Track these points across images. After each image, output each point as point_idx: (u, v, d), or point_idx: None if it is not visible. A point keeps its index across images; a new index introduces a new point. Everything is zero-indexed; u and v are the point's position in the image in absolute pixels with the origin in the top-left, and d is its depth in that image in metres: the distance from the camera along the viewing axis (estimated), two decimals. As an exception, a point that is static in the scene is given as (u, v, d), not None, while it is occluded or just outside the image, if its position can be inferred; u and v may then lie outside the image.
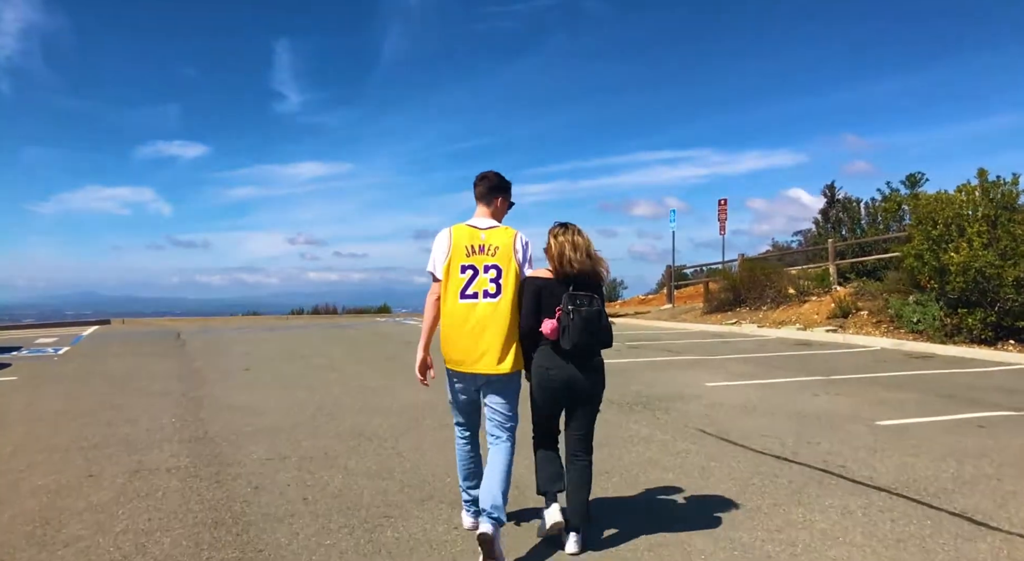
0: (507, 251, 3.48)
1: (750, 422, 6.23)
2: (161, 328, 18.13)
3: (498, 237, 3.51)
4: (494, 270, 3.45)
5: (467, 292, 3.44)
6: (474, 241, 3.50)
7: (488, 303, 3.41)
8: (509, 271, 3.46)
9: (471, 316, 3.41)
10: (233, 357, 11.12)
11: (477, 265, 3.45)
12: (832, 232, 19.34)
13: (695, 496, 4.24)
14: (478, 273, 3.45)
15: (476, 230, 3.53)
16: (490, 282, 3.43)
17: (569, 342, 3.31)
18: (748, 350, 12.03)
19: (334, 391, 7.81)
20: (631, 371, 9.48)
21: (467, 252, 3.47)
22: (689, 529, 3.68)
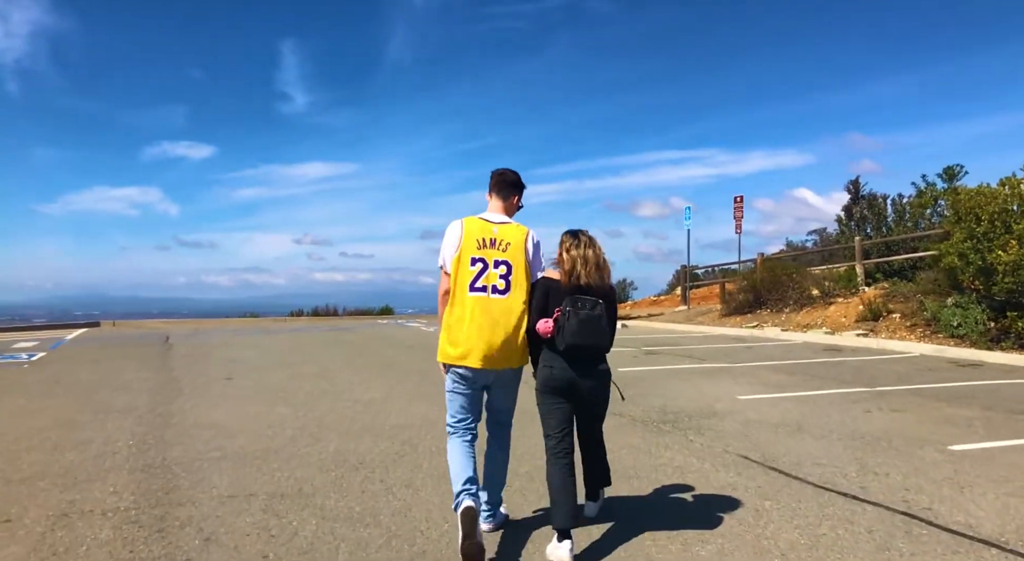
0: (519, 248, 3.45)
1: (799, 446, 5.34)
2: (152, 331, 17.35)
3: (510, 233, 3.48)
4: (504, 266, 3.41)
5: (476, 285, 3.39)
6: (486, 234, 3.45)
7: (497, 299, 3.38)
8: (519, 268, 3.43)
9: (479, 310, 3.36)
10: (218, 364, 10.29)
11: (487, 259, 3.41)
12: (856, 230, 18.39)
13: (755, 551, 3.36)
14: (488, 267, 3.40)
15: (489, 223, 3.49)
16: (500, 278, 3.40)
17: (562, 343, 3.28)
18: (775, 356, 11.12)
19: (321, 406, 6.95)
20: (651, 380, 8.60)
21: (479, 244, 3.42)
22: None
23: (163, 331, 16.97)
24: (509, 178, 3.64)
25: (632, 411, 6.70)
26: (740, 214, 23.02)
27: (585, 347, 3.31)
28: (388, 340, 14.68)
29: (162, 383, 8.38)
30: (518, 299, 3.42)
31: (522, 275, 3.45)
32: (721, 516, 3.83)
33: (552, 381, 3.39)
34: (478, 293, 3.39)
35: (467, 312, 3.37)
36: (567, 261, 3.40)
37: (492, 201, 3.62)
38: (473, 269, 3.42)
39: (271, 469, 4.71)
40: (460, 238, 3.44)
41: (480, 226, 3.48)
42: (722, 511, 3.91)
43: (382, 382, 8.55)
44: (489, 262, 3.42)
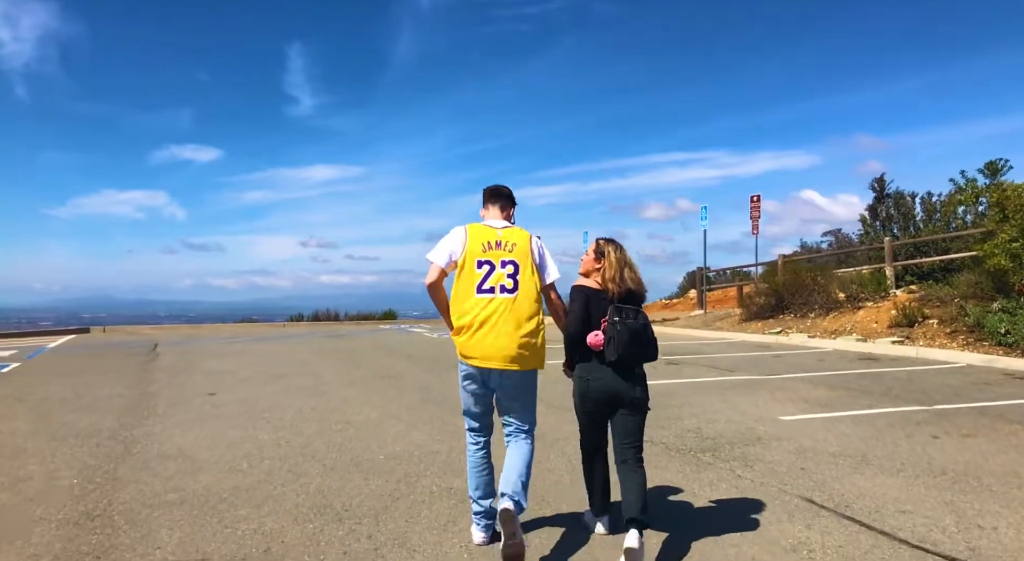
0: (524, 248, 3.49)
1: (872, 485, 4.46)
2: (142, 338, 16.53)
3: (514, 235, 3.53)
4: (511, 265, 3.44)
5: (484, 287, 3.41)
6: (490, 237, 3.49)
7: (505, 298, 3.40)
8: (526, 268, 3.46)
9: (488, 311, 3.38)
10: (203, 376, 9.45)
11: (494, 260, 3.44)
12: (882, 230, 17.46)
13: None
14: (495, 268, 3.43)
15: (492, 228, 3.55)
16: (507, 277, 3.42)
17: (615, 353, 3.30)
18: (808, 366, 10.23)
19: (308, 430, 6.11)
20: (679, 396, 7.73)
21: (484, 248, 3.45)
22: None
23: (153, 338, 16.16)
24: (504, 191, 3.72)
25: (664, 436, 5.84)
26: (757, 214, 22.08)
27: (636, 358, 3.38)
28: (389, 348, 13.83)
29: (135, 400, 7.54)
30: (527, 298, 3.43)
31: (529, 274, 3.46)
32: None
33: (589, 393, 3.43)
34: (486, 295, 3.40)
35: (475, 313, 3.38)
36: (613, 266, 3.44)
37: (490, 211, 3.67)
38: (479, 272, 3.42)
39: (236, 518, 3.86)
40: (465, 242, 3.46)
41: (484, 230, 3.53)
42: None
43: (380, 399, 7.69)
44: (496, 263, 3.44)
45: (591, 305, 3.44)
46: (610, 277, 3.44)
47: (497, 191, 3.71)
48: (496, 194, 3.70)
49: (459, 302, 3.43)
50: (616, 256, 3.47)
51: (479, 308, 3.38)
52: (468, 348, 3.39)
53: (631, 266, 3.48)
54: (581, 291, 3.50)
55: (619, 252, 3.50)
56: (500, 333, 3.35)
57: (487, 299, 3.39)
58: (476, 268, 3.43)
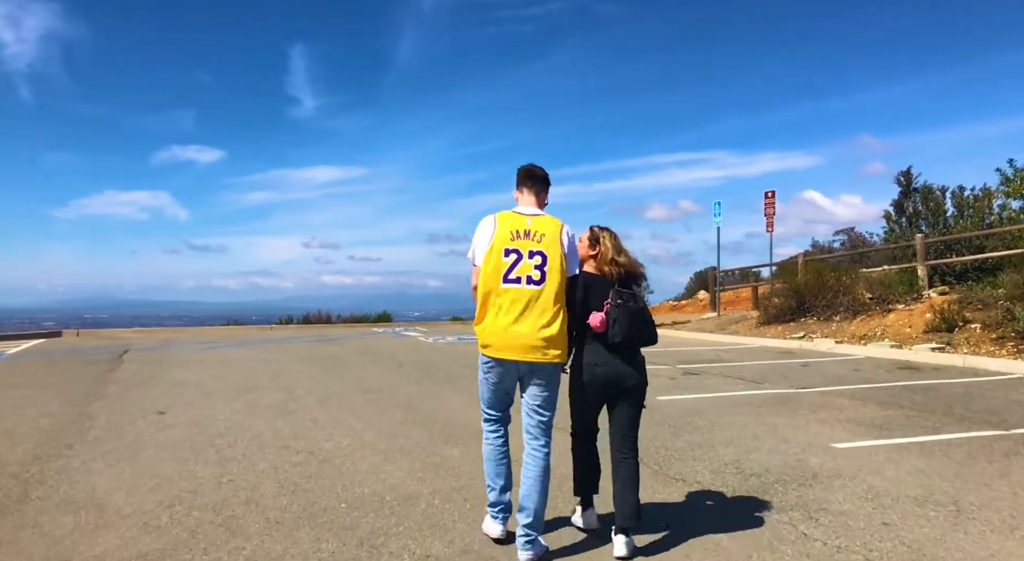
0: (554, 239, 3.40)
1: (981, 547, 3.36)
2: (114, 343, 15.39)
3: (545, 225, 3.43)
4: (539, 257, 3.34)
5: (510, 276, 3.33)
6: (519, 226, 3.40)
7: (532, 289, 3.32)
8: (555, 259, 3.37)
9: (514, 301, 3.31)
10: (162, 389, 8.36)
11: (522, 250, 3.35)
12: (908, 227, 16.34)
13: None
14: (522, 258, 3.34)
15: (522, 216, 3.46)
16: (535, 268, 3.33)
17: (620, 334, 3.34)
18: (845, 378, 9.11)
19: (261, 463, 5.01)
20: (706, 415, 6.62)
21: (512, 236, 3.36)
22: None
23: (126, 344, 15.02)
24: (539, 173, 3.59)
25: (698, 471, 4.74)
26: (772, 211, 20.93)
27: (638, 339, 3.42)
28: (378, 354, 12.73)
29: (67, 422, 6.43)
30: (553, 289, 3.35)
31: (557, 266, 3.37)
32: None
33: (595, 378, 3.42)
34: (512, 284, 3.33)
35: (501, 303, 3.32)
36: (610, 249, 3.52)
37: (524, 196, 3.56)
38: (507, 260, 3.34)
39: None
40: (493, 231, 3.37)
41: (513, 218, 3.43)
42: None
43: (355, 420, 6.59)
44: (524, 253, 3.35)
45: (591, 289, 3.48)
46: (608, 260, 3.51)
47: (531, 172, 3.58)
48: (531, 175, 3.57)
49: (484, 291, 3.34)
50: (611, 242, 3.55)
51: (504, 298, 3.31)
52: (490, 337, 3.32)
53: (624, 250, 3.56)
54: (582, 278, 3.52)
55: (614, 238, 3.57)
56: (524, 324, 3.29)
57: (514, 288, 3.32)
58: (503, 256, 3.34)
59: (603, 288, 3.47)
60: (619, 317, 3.35)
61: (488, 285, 3.32)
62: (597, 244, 3.57)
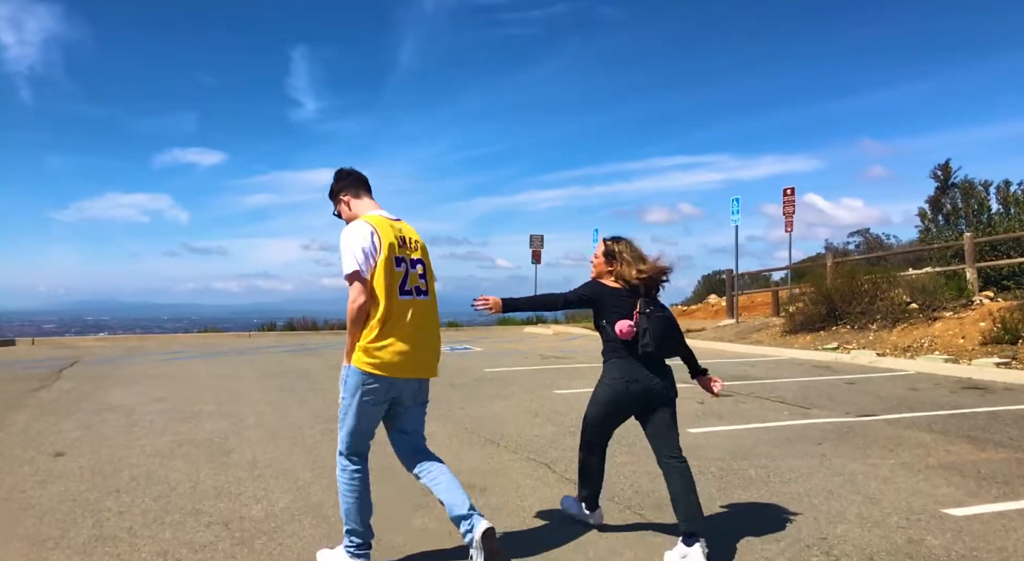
0: (424, 248, 3.26)
1: None
2: (67, 353, 13.81)
3: (411, 231, 3.25)
4: (421, 266, 3.19)
5: (406, 288, 3.08)
6: (396, 232, 3.12)
7: (422, 301, 3.15)
8: (430, 268, 3.27)
9: (414, 314, 3.07)
10: (81, 416, 6.87)
11: (406, 259, 3.11)
12: (945, 225, 14.88)
13: None
14: (408, 268, 3.10)
15: (392, 221, 3.16)
16: (419, 278, 3.16)
17: (653, 343, 3.24)
18: (905, 400, 7.63)
19: (148, 548, 3.52)
20: (756, 458, 5.14)
21: (398, 243, 3.09)
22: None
23: (78, 355, 13.46)
24: (366, 176, 3.34)
25: (770, 554, 3.27)
26: (791, 209, 19.43)
27: (667, 350, 3.34)
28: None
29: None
30: (435, 300, 3.28)
31: (432, 275, 3.28)
32: None
33: (627, 395, 3.33)
34: (407, 297, 3.08)
35: (398, 318, 3.01)
36: (631, 264, 3.40)
37: (364, 201, 3.27)
38: (399, 271, 3.06)
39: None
40: (380, 238, 3.01)
41: (388, 224, 3.12)
42: None
43: (305, 463, 5.12)
44: (407, 262, 3.10)
45: (608, 300, 3.39)
46: (631, 276, 3.38)
47: (362, 176, 3.32)
48: (364, 179, 3.32)
49: (385, 305, 2.97)
50: (629, 254, 3.43)
51: (405, 312, 3.04)
52: (395, 355, 3.00)
53: (644, 258, 3.43)
54: (594, 284, 3.47)
55: (630, 249, 3.45)
56: (425, 338, 3.12)
57: (409, 301, 3.07)
58: (395, 266, 3.04)
59: (622, 300, 3.37)
60: (650, 327, 3.24)
61: (386, 299, 2.97)
62: (614, 259, 3.44)
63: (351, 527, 3.16)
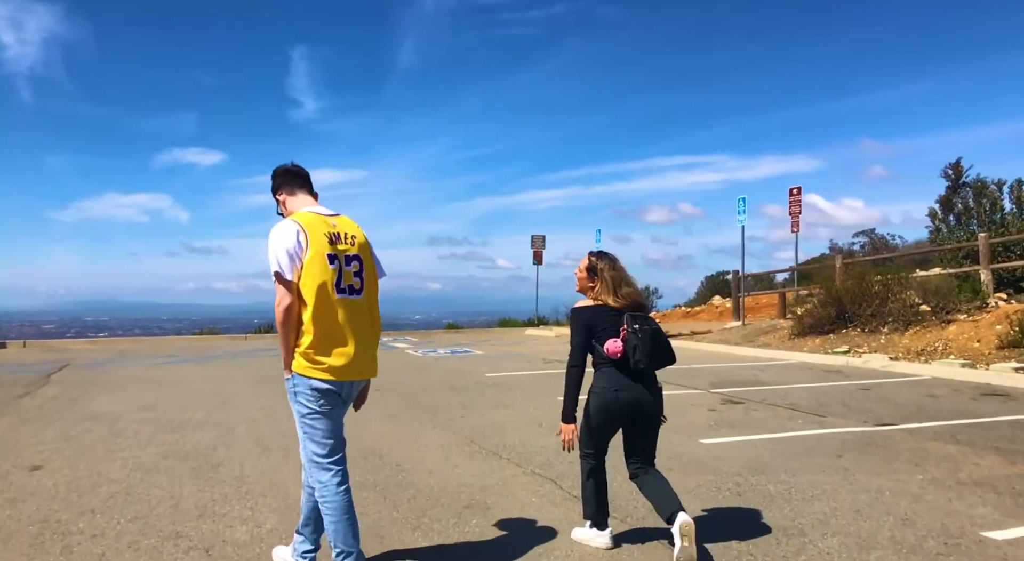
0: (364, 243, 3.08)
1: None
2: (58, 357, 13.50)
3: (349, 226, 3.08)
4: (356, 262, 3.00)
5: (341, 286, 2.92)
6: (329, 228, 2.96)
7: (356, 300, 2.98)
8: (368, 264, 3.06)
9: (345, 315, 2.91)
10: (64, 425, 6.58)
11: (339, 256, 2.94)
12: (957, 225, 14.58)
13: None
14: (342, 265, 2.93)
15: (324, 216, 3.02)
16: (354, 276, 2.98)
17: (644, 359, 3.22)
18: (923, 408, 7.33)
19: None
20: (773, 472, 4.83)
21: (329, 240, 2.92)
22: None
23: (69, 358, 13.14)
24: (304, 173, 3.18)
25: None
26: (798, 209, 19.11)
27: (658, 362, 3.29)
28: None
29: None
30: (370, 299, 3.08)
31: (372, 272, 3.09)
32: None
33: (616, 404, 3.29)
34: (342, 296, 2.91)
35: (333, 319, 2.87)
36: (609, 284, 3.35)
37: (301, 196, 3.12)
38: (333, 268, 2.89)
39: None
40: (307, 236, 2.87)
41: (319, 220, 2.98)
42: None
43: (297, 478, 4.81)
44: (341, 259, 2.94)
45: (595, 322, 3.33)
46: (610, 293, 3.35)
47: (300, 173, 3.16)
48: (300, 176, 3.15)
49: (316, 307, 2.83)
50: (609, 273, 3.37)
51: (341, 312, 2.89)
52: (337, 358, 2.87)
53: (627, 281, 3.38)
54: (580, 314, 3.38)
55: (612, 268, 3.39)
56: (363, 338, 2.98)
57: (346, 300, 2.93)
58: (329, 263, 2.88)
59: (607, 318, 3.32)
60: (639, 343, 3.21)
61: (320, 299, 2.84)
62: (595, 275, 3.38)
63: (341, 549, 2.91)
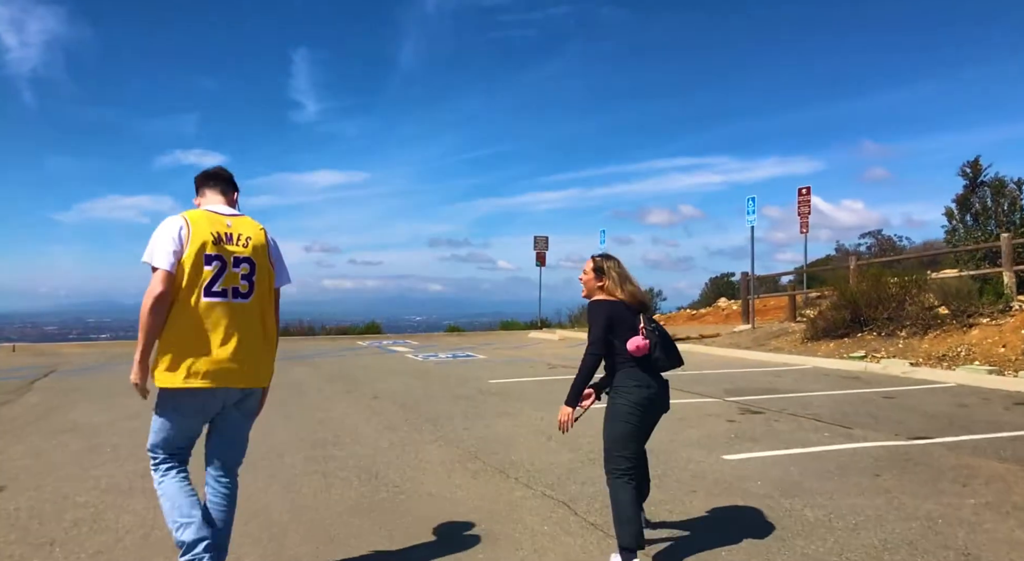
0: (260, 244, 2.96)
1: None
2: (47, 361, 13.06)
3: (247, 227, 2.96)
4: (247, 265, 2.87)
5: (214, 288, 2.78)
6: (219, 227, 2.87)
7: (240, 304, 2.83)
8: (263, 269, 2.95)
9: (222, 317, 2.78)
10: (38, 438, 6.14)
11: (225, 257, 2.83)
12: (974, 225, 14.14)
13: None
14: (227, 267, 2.83)
15: (219, 216, 2.93)
16: (242, 279, 2.85)
17: (665, 357, 3.30)
18: (957, 419, 6.88)
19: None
20: (808, 493, 4.38)
21: (213, 239, 2.82)
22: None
23: (57, 363, 12.72)
24: (223, 174, 3.11)
25: None
26: (807, 209, 18.73)
27: (673, 362, 3.37)
28: (352, 379, 10.51)
29: None
30: (261, 304, 2.92)
31: (265, 276, 2.95)
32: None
33: (649, 401, 3.33)
34: (216, 298, 2.78)
35: (203, 321, 2.74)
36: (616, 281, 3.43)
37: (208, 197, 3.05)
38: (210, 269, 2.78)
39: None
40: (188, 232, 2.78)
41: (210, 218, 2.88)
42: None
43: (282, 499, 4.39)
44: (228, 260, 2.83)
45: (615, 316, 3.35)
46: (617, 295, 3.40)
47: (215, 174, 3.09)
48: (214, 177, 3.09)
49: (181, 306, 2.72)
50: (616, 271, 3.46)
51: (210, 314, 2.75)
52: (197, 363, 2.71)
53: (631, 280, 3.48)
54: (602, 306, 3.38)
55: (618, 267, 3.49)
56: (235, 346, 2.78)
57: (220, 303, 2.78)
58: (205, 264, 2.76)
59: (626, 315, 3.37)
60: (658, 341, 3.28)
61: (186, 299, 2.72)
62: (603, 275, 3.47)
63: (182, 523, 2.88)
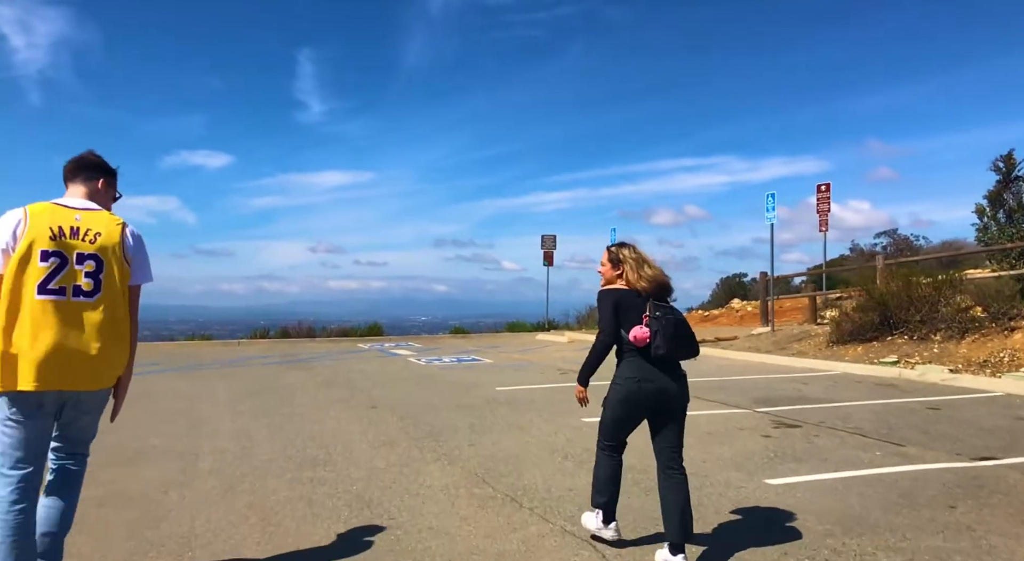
0: (111, 242, 2.75)
1: None
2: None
3: (99, 222, 2.77)
4: (92, 262, 2.70)
5: (50, 286, 2.62)
6: (63, 221, 2.69)
7: (81, 302, 2.67)
8: (113, 265, 2.74)
9: (53, 316, 2.60)
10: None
11: (67, 253, 2.66)
12: (1008, 223, 13.41)
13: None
14: (68, 263, 2.66)
15: (66, 209, 2.75)
16: (86, 277, 2.69)
17: (664, 346, 3.21)
18: (1018, 434, 6.17)
19: None
20: (878, 531, 3.69)
21: (51, 234, 2.65)
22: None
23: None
24: (88, 159, 2.91)
25: None
26: (827, 207, 17.98)
27: (682, 351, 3.29)
28: (349, 386, 9.84)
29: None
30: (110, 303, 2.72)
31: (116, 274, 2.74)
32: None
33: (640, 394, 3.28)
34: (51, 296, 2.62)
35: (36, 320, 2.57)
36: (633, 267, 3.40)
37: (71, 189, 2.87)
38: (45, 265, 2.62)
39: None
40: (24, 226, 2.62)
41: (53, 211, 2.71)
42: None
43: (261, 531, 3.71)
44: (70, 257, 2.67)
45: (622, 306, 3.34)
46: (635, 279, 3.37)
47: (79, 163, 2.89)
48: (77, 167, 2.88)
49: (12, 307, 2.56)
50: (633, 257, 3.44)
51: (42, 313, 2.58)
52: (28, 366, 2.54)
53: (649, 264, 3.43)
54: (609, 294, 3.40)
55: (634, 252, 3.47)
56: (74, 345, 2.61)
57: (55, 301, 2.61)
58: (40, 260, 2.61)
59: (635, 303, 3.34)
60: (660, 329, 3.21)
61: (16, 298, 2.55)
62: (620, 264, 3.44)
63: None
